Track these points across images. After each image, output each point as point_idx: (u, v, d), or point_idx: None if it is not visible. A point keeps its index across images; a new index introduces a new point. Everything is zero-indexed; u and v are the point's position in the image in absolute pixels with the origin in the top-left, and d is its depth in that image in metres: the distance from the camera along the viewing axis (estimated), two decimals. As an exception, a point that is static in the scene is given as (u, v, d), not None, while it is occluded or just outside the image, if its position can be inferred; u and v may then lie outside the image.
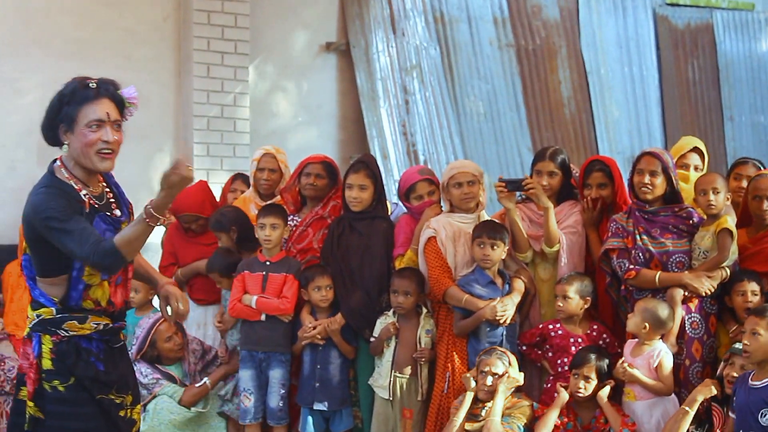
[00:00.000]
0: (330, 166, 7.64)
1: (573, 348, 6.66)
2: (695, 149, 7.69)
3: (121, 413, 4.38)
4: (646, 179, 6.65)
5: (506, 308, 6.74)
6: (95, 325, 4.31)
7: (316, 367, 7.16)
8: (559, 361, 6.68)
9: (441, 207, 7.24)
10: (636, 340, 6.50)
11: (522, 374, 6.62)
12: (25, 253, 4.45)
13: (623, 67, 11.89)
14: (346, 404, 7.23)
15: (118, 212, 4.40)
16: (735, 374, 6.12)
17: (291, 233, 7.51)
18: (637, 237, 6.69)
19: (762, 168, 7.59)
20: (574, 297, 6.65)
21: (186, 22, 10.00)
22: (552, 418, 6.33)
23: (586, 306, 6.71)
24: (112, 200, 4.41)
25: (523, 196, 7.14)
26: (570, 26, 11.67)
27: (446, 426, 6.63)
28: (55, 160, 4.46)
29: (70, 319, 4.29)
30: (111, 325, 4.37)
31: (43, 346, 4.34)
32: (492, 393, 6.48)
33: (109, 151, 4.26)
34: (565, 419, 6.39)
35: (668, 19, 12.39)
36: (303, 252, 7.46)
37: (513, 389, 6.62)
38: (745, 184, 7.14)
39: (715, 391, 6.08)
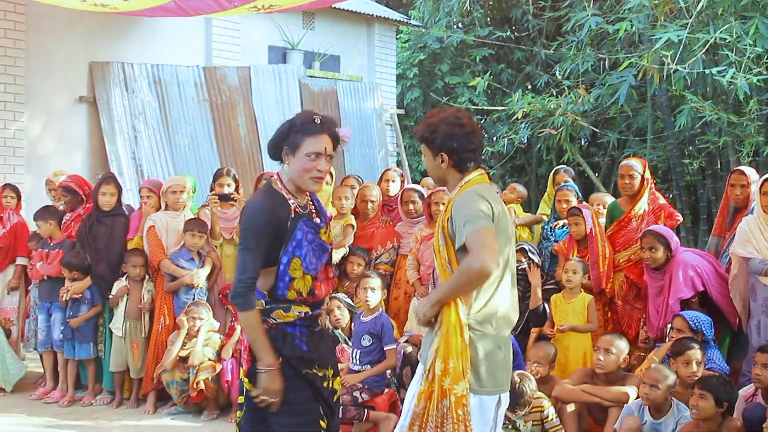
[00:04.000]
0: (74, 184, 7.60)
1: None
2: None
3: (325, 384, 3.78)
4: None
5: (199, 277, 6.93)
6: (298, 313, 3.69)
7: (69, 314, 7.23)
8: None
9: (158, 206, 7.30)
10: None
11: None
12: None
13: (279, 117, 11.79)
14: (88, 340, 7.26)
15: (318, 220, 3.82)
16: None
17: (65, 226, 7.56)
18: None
19: (362, 181, 8.12)
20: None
21: (-24, 79, 9.68)
22: None
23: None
24: (314, 210, 3.84)
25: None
26: (245, 89, 11.74)
27: (165, 353, 6.80)
28: (271, 175, 3.85)
29: (277, 308, 3.66)
30: (310, 312, 3.74)
31: None
32: (198, 330, 6.67)
33: (321, 178, 3.72)
34: None
35: (308, 86, 12.54)
36: (70, 237, 7.47)
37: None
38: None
39: None
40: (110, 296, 7.20)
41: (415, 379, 3.63)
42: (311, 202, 3.88)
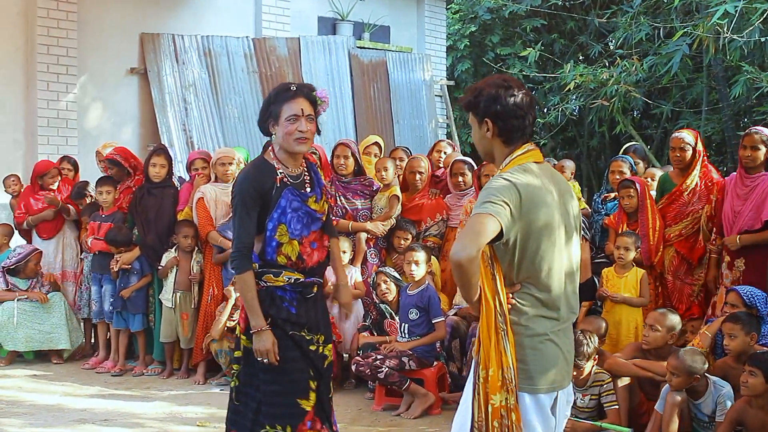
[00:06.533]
0: (119, 156, 7.62)
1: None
2: (375, 143, 8.10)
3: (312, 348, 3.95)
4: (341, 161, 7.02)
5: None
6: (288, 279, 3.87)
7: (120, 285, 7.36)
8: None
9: (209, 178, 7.31)
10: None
11: None
12: None
13: (329, 88, 11.94)
14: (139, 311, 7.36)
15: (308, 189, 3.96)
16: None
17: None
18: (338, 198, 6.99)
19: (410, 153, 8.08)
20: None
21: (32, 52, 9.87)
22: None
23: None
24: (308, 180, 3.99)
25: None
26: (294, 60, 11.76)
27: (213, 323, 6.87)
28: (268, 143, 4.06)
29: (267, 272, 3.86)
30: (302, 279, 3.91)
31: None
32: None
33: (304, 138, 3.84)
34: None
35: (358, 57, 12.54)
36: (121, 208, 7.56)
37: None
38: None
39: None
40: (159, 267, 7.27)
41: (469, 380, 3.28)
42: (307, 173, 4.03)
